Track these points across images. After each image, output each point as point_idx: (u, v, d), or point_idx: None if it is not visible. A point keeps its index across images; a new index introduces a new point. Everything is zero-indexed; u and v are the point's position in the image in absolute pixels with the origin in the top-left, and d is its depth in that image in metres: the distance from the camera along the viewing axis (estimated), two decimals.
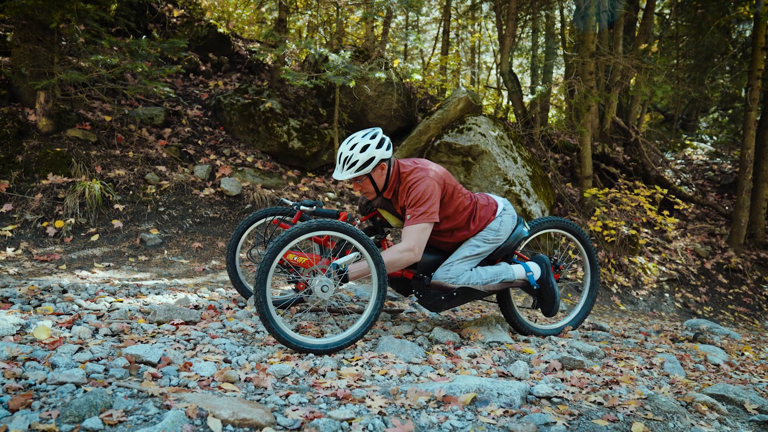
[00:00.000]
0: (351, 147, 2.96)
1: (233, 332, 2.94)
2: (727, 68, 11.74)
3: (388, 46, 11.01)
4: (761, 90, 8.73)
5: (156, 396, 1.99)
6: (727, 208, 9.75)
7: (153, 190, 5.77)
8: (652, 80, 7.99)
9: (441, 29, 11.79)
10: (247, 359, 2.54)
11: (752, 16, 9.15)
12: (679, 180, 10.78)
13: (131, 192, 5.68)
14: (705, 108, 14.71)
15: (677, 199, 8.74)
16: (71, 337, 2.58)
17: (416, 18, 12.96)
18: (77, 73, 5.46)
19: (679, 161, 12.46)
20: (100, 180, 5.52)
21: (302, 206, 3.26)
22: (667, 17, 11.56)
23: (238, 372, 2.35)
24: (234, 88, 7.54)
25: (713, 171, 11.84)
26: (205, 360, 2.46)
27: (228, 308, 3.43)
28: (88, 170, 5.64)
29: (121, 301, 3.34)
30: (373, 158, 2.95)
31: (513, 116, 10.25)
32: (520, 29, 11.49)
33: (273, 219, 3.35)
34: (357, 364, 2.64)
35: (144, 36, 6.90)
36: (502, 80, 9.56)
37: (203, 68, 8.22)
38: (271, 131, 7.08)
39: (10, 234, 4.90)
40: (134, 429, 1.75)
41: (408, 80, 8.32)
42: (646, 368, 3.15)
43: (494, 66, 13.45)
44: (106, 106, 6.58)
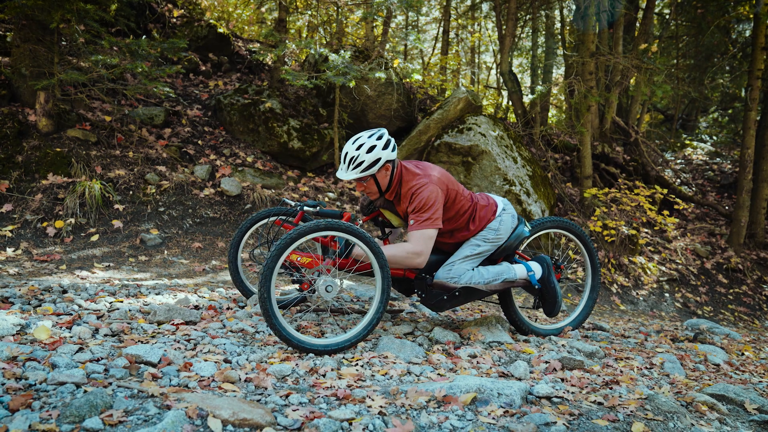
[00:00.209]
0: (357, 147, 2.95)
1: (233, 332, 2.94)
2: (727, 68, 11.74)
3: (388, 46, 11.02)
4: (761, 90, 8.73)
5: (156, 396, 1.99)
6: (727, 208, 9.75)
7: (153, 190, 5.77)
8: (652, 80, 7.99)
9: (441, 29, 11.80)
10: (248, 359, 2.54)
11: (752, 16, 9.15)
12: (679, 180, 10.78)
13: (131, 192, 5.68)
14: (705, 108, 14.71)
15: (677, 199, 8.74)
16: (71, 338, 2.58)
17: (416, 18, 12.96)
18: (77, 73, 5.46)
19: (679, 161, 12.46)
20: (100, 180, 5.52)
21: (305, 207, 3.27)
22: (667, 17, 11.56)
23: (239, 372, 2.35)
24: (234, 88, 7.54)
25: (713, 171, 11.83)
26: (206, 360, 2.46)
27: (228, 308, 3.43)
28: (88, 170, 5.64)
29: (121, 301, 3.34)
30: (379, 159, 2.95)
31: (513, 116, 10.25)
32: (520, 29, 11.50)
33: (276, 219, 3.36)
34: (357, 364, 2.64)
35: (144, 36, 6.90)
36: (502, 80, 9.56)
37: (203, 68, 8.22)
38: (271, 131, 7.08)
39: (10, 234, 4.90)
40: (134, 429, 1.75)
41: (408, 80, 8.32)
42: (646, 368, 3.15)
43: (494, 66, 13.45)
44: (106, 106, 6.58)
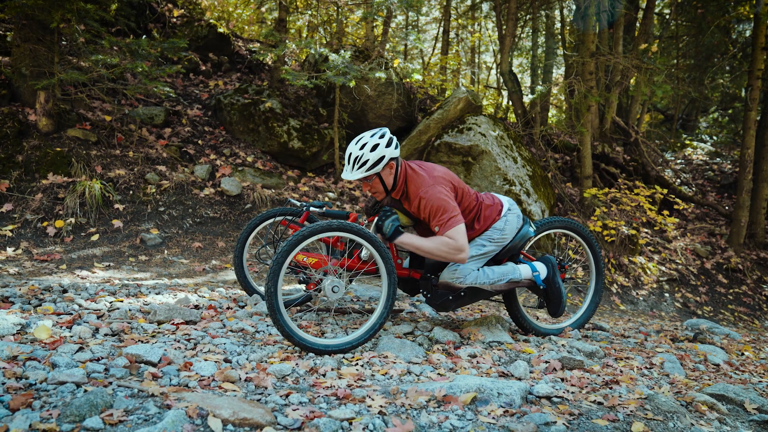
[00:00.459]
0: (361, 147, 2.96)
1: (233, 332, 2.94)
2: (727, 68, 11.73)
3: (388, 46, 11.02)
4: (761, 90, 8.73)
5: (156, 395, 1.99)
6: (727, 208, 9.75)
7: (153, 190, 5.77)
8: (652, 80, 7.98)
9: (441, 29, 11.79)
10: (248, 359, 2.54)
11: (752, 16, 9.15)
12: (679, 180, 10.78)
13: (131, 192, 5.68)
14: (705, 108, 14.71)
15: (677, 199, 8.74)
16: (71, 337, 2.58)
17: (416, 18, 12.96)
18: (77, 73, 5.46)
19: (679, 161, 12.46)
20: (100, 180, 5.52)
21: (311, 207, 3.28)
22: (667, 17, 11.56)
23: (239, 372, 2.35)
24: (234, 88, 7.54)
25: (713, 171, 11.83)
26: (206, 360, 2.46)
27: (228, 308, 3.43)
28: (88, 170, 5.64)
29: (122, 301, 3.34)
30: (383, 157, 2.96)
31: (513, 116, 10.25)
32: (520, 29, 11.49)
33: (282, 219, 3.38)
34: (357, 364, 2.64)
35: (144, 36, 6.91)
36: (502, 80, 9.56)
37: (203, 68, 8.22)
38: (271, 131, 7.08)
39: (11, 234, 4.90)
40: (135, 428, 1.75)
41: (408, 80, 8.32)
42: (646, 368, 3.15)
43: (494, 66, 13.45)
44: (106, 106, 6.58)
